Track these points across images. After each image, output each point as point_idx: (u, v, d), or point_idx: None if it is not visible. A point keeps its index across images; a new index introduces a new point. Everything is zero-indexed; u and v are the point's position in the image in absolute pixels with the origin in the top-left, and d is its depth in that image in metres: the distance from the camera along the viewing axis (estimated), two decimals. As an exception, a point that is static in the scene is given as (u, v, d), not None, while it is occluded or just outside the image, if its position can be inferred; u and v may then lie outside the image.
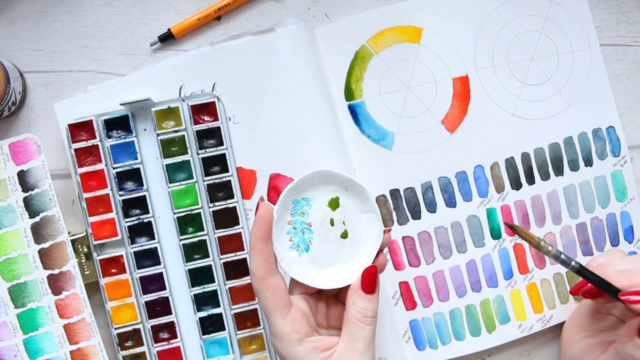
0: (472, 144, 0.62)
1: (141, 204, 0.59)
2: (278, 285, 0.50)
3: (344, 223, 0.53)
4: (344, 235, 0.53)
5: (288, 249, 0.52)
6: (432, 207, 0.63)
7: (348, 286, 0.52)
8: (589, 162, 0.63)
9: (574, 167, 0.63)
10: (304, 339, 0.50)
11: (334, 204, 0.53)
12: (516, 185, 0.63)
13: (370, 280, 0.51)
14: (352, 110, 0.62)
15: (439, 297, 0.63)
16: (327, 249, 0.53)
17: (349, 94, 0.62)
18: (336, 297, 0.54)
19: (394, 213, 0.62)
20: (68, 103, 0.60)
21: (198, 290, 0.59)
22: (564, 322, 0.63)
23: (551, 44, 0.63)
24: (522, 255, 0.63)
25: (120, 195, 0.59)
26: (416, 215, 0.63)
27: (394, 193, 0.62)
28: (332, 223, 0.53)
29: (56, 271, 0.59)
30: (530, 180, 0.63)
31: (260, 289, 0.50)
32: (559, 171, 0.63)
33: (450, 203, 0.63)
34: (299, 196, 0.52)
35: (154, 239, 0.59)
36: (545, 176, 0.63)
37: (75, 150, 0.58)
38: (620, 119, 0.64)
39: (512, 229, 0.50)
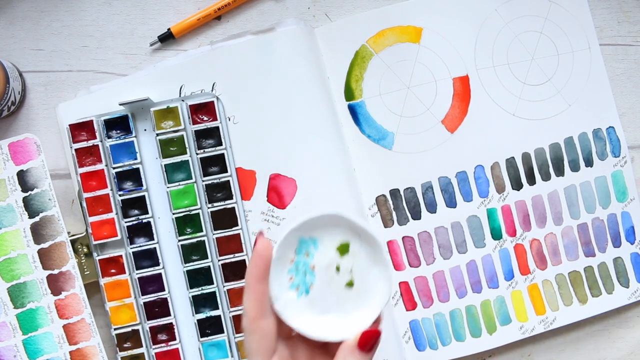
0: (472, 144, 0.62)
1: (140, 204, 0.59)
2: (268, 329, 0.46)
3: (351, 271, 0.48)
4: (350, 284, 0.48)
5: (287, 289, 0.48)
6: (432, 207, 0.62)
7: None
8: (589, 163, 0.63)
9: (575, 167, 0.63)
10: None
11: (344, 249, 0.49)
12: (517, 185, 0.63)
13: (369, 342, 0.46)
14: (352, 110, 0.62)
15: (439, 298, 0.62)
16: (328, 296, 0.48)
17: (349, 93, 0.62)
18: (324, 348, 0.49)
19: (394, 213, 0.62)
20: (70, 104, 0.60)
21: (196, 291, 0.59)
22: (567, 325, 0.62)
23: (551, 44, 0.63)
24: (522, 256, 0.63)
25: (119, 195, 0.59)
26: (416, 216, 0.62)
27: (394, 193, 0.62)
28: (338, 269, 0.48)
29: (56, 271, 0.59)
30: (531, 180, 0.63)
31: (249, 330, 0.45)
32: (559, 171, 0.63)
33: (451, 203, 0.62)
34: (306, 235, 0.48)
35: (153, 239, 0.59)
36: (546, 176, 0.63)
37: (76, 150, 0.58)
38: (621, 119, 0.63)
39: None
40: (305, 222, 0.48)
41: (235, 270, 0.59)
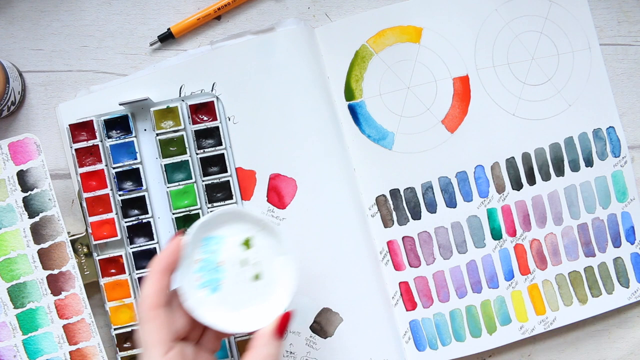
0: (472, 144, 0.62)
1: (140, 204, 0.59)
2: (167, 320, 0.46)
3: (256, 264, 0.51)
4: (257, 277, 0.50)
5: (196, 288, 0.49)
6: (432, 207, 0.62)
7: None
8: (589, 163, 0.63)
9: (575, 167, 0.63)
10: None
11: (248, 243, 0.51)
12: (517, 185, 0.63)
13: (285, 327, 0.48)
14: (352, 110, 0.62)
15: (439, 298, 0.62)
16: (237, 291, 0.50)
17: (349, 93, 0.62)
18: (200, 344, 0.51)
19: (394, 213, 0.62)
20: (70, 104, 0.60)
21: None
22: (567, 325, 0.62)
23: (551, 44, 0.63)
24: (522, 256, 0.63)
25: (119, 195, 0.59)
26: (416, 216, 0.62)
27: (394, 193, 0.62)
28: (244, 263, 0.50)
29: (56, 271, 0.59)
30: (531, 180, 0.63)
31: (145, 318, 0.45)
32: (559, 171, 0.63)
33: (451, 203, 0.62)
34: (210, 233, 0.50)
35: (153, 239, 0.59)
36: (546, 176, 0.63)
37: (76, 150, 0.58)
38: (621, 119, 0.63)
39: None
40: (207, 221, 0.50)
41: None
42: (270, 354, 0.47)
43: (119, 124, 0.59)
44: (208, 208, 0.59)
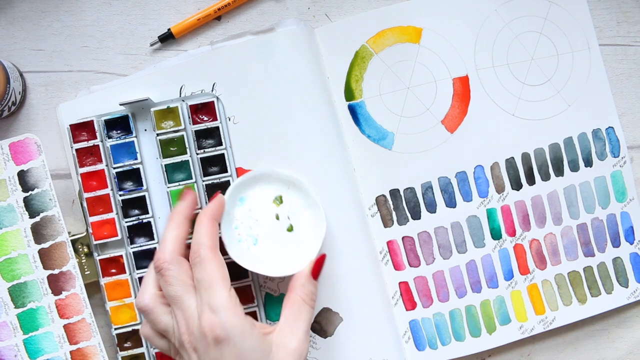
0: (472, 144, 0.62)
1: (140, 204, 0.59)
2: (223, 261, 0.50)
3: (288, 218, 0.57)
4: (290, 229, 0.57)
5: (237, 242, 0.56)
6: (432, 207, 0.62)
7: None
8: (589, 163, 0.63)
9: (574, 167, 0.63)
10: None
11: (279, 200, 0.57)
12: (516, 185, 0.63)
13: (320, 268, 0.54)
14: (352, 110, 0.62)
15: (438, 298, 0.62)
16: (274, 242, 0.57)
17: (349, 94, 0.62)
18: None
19: (394, 213, 0.62)
20: (71, 104, 0.60)
21: (197, 290, 0.59)
22: (567, 325, 0.62)
23: (551, 44, 0.63)
24: (522, 256, 0.63)
25: (120, 195, 0.59)
26: (416, 216, 0.62)
27: (394, 193, 0.62)
28: (277, 218, 0.57)
29: (56, 271, 0.59)
30: (531, 180, 0.63)
31: (209, 257, 0.49)
32: (559, 172, 0.63)
33: (450, 203, 0.63)
34: (244, 194, 0.57)
35: (153, 239, 0.59)
36: (545, 176, 0.63)
37: (77, 150, 0.58)
38: (620, 119, 0.63)
39: None
40: (242, 182, 0.56)
41: (235, 271, 0.59)
42: (310, 291, 0.53)
43: (119, 124, 0.59)
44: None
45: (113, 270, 0.59)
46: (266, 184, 0.57)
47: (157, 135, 0.59)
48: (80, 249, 0.59)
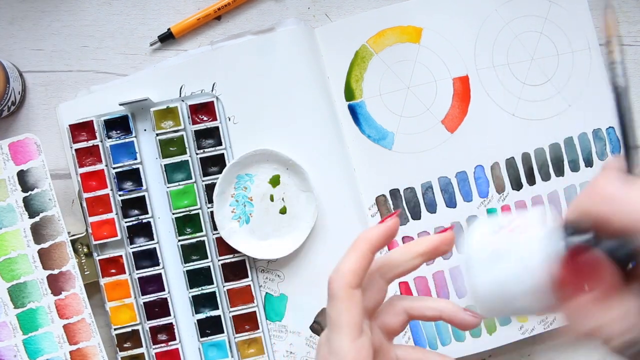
0: (472, 144, 0.62)
1: (140, 204, 0.59)
2: (361, 303, 0.41)
3: (283, 200, 0.58)
4: (283, 211, 0.58)
5: (229, 220, 0.57)
6: (432, 208, 0.62)
7: None
8: (589, 163, 0.63)
9: (575, 167, 0.63)
10: None
11: (275, 181, 0.58)
12: (517, 185, 0.63)
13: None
14: (352, 110, 0.62)
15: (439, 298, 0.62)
16: (266, 223, 0.58)
17: (349, 93, 0.62)
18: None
19: (393, 213, 0.62)
20: (71, 104, 0.60)
21: (196, 291, 0.59)
22: (567, 324, 0.62)
23: (551, 44, 0.63)
24: (522, 256, 0.63)
25: (119, 196, 0.59)
26: (416, 216, 0.62)
27: (394, 193, 0.62)
28: (272, 199, 0.58)
29: (56, 271, 0.59)
30: (531, 180, 0.63)
31: (341, 296, 0.40)
32: (559, 172, 0.63)
33: (451, 203, 0.62)
34: (242, 172, 0.58)
35: (153, 239, 0.59)
36: (545, 177, 0.63)
37: (76, 150, 0.58)
38: (621, 119, 0.63)
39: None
40: (240, 161, 0.57)
41: (235, 271, 0.59)
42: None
43: (119, 124, 0.59)
44: (208, 208, 0.59)
45: (113, 271, 0.59)
46: (265, 164, 0.58)
47: (157, 135, 0.59)
48: (80, 249, 0.59)
